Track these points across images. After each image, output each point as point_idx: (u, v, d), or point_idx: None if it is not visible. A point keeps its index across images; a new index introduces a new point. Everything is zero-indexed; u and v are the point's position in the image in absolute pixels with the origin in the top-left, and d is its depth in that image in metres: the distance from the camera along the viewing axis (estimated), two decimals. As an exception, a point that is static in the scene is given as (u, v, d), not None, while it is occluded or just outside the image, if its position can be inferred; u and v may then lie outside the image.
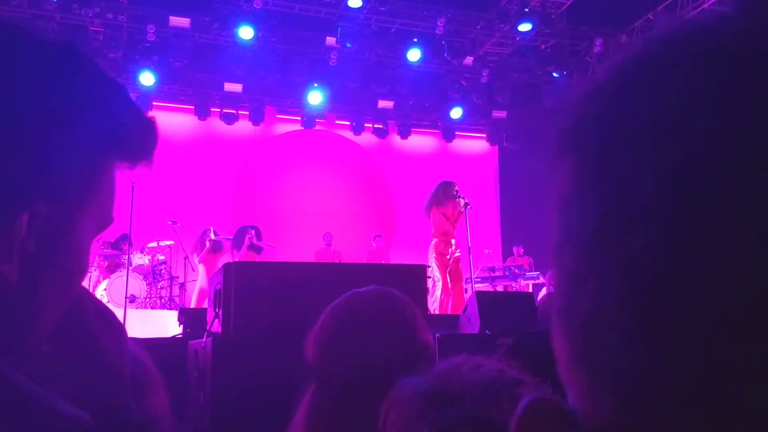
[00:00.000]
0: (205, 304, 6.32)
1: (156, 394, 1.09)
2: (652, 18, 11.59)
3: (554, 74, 12.58)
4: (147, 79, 11.30)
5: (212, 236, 8.78)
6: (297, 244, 11.62)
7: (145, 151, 0.68)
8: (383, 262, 10.42)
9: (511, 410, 0.86)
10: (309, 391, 1.26)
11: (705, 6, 10.65)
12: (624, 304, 0.30)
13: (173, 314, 6.98)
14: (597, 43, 12.00)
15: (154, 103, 11.95)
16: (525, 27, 11.18)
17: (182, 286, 9.13)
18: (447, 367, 0.94)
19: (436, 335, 3.95)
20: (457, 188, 7.32)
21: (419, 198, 8.00)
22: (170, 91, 12.12)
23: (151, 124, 0.68)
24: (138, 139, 0.67)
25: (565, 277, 0.34)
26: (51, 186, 0.59)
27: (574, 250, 0.34)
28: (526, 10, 10.94)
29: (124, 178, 0.69)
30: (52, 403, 0.53)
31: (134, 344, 1.15)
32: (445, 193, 7.30)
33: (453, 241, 7.34)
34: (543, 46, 12.14)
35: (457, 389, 0.88)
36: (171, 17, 10.67)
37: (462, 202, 7.17)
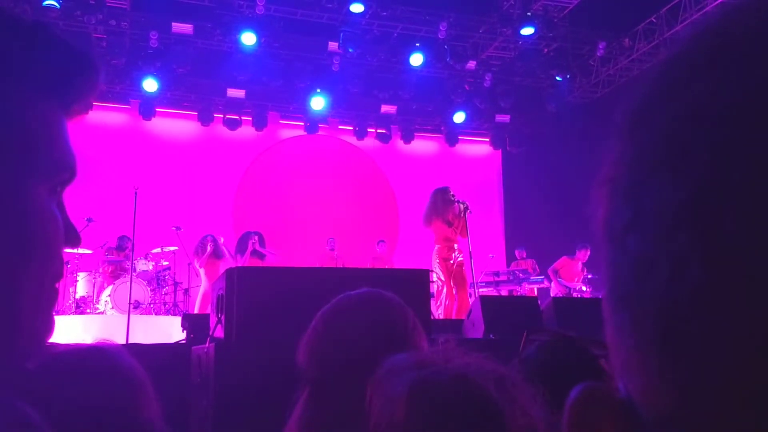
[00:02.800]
0: (209, 309, 6.32)
1: (148, 403, 1.09)
2: (655, 21, 11.58)
3: (557, 78, 12.58)
4: (150, 85, 11.33)
5: (221, 240, 8.83)
6: (300, 250, 11.63)
7: (79, 88, 0.61)
8: (386, 267, 10.41)
9: (495, 384, 0.86)
10: (302, 396, 1.26)
11: (708, 9, 10.64)
12: (707, 290, 0.29)
13: (177, 320, 6.98)
14: (600, 47, 12.00)
15: (157, 110, 11.99)
16: (527, 31, 11.18)
17: (186, 291, 9.13)
18: (434, 348, 0.95)
19: (440, 340, 3.93)
20: (452, 193, 7.28)
21: (422, 203, 7.98)
22: (173, 97, 12.15)
23: (84, 59, 0.61)
24: (69, 77, 0.60)
25: (628, 263, 0.33)
26: None
27: (644, 233, 0.32)
28: (529, 14, 10.95)
29: (72, 120, 0.62)
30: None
31: (126, 353, 1.14)
32: (442, 200, 7.25)
33: (456, 245, 7.32)
34: (546, 50, 12.15)
35: (441, 359, 0.89)
36: (173, 24, 10.70)
37: (461, 206, 7.14)
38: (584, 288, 9.67)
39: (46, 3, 9.54)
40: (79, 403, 0.97)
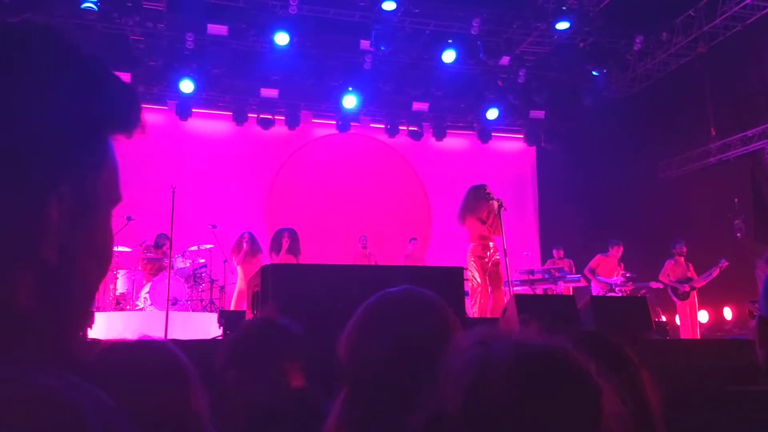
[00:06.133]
0: (244, 306, 6.40)
1: (197, 395, 1.11)
2: (693, 14, 11.31)
3: (593, 73, 12.39)
4: (186, 86, 11.51)
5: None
6: (333, 248, 11.68)
7: (134, 119, 0.70)
8: (419, 264, 10.39)
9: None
10: (341, 393, 1.25)
11: (747, 2, 10.35)
12: None
13: (214, 316, 7.09)
14: (637, 41, 11.77)
15: (193, 110, 12.17)
16: (562, 25, 11.03)
17: (222, 288, 9.26)
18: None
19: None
20: (487, 189, 7.18)
21: (455, 200, 7.93)
22: (209, 97, 12.33)
23: (133, 92, 0.70)
24: (127, 109, 0.69)
25: None
26: (70, 166, 0.61)
27: None
28: (564, 8, 10.79)
29: (121, 150, 0.71)
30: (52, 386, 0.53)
31: (176, 347, 1.16)
32: (476, 197, 7.18)
33: (491, 244, 7.26)
34: (581, 45, 11.96)
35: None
36: (209, 25, 10.83)
37: (496, 204, 7.05)
38: (622, 280, 9.51)
39: (84, 6, 9.75)
40: (134, 392, 0.99)
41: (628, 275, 9.64)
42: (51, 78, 0.62)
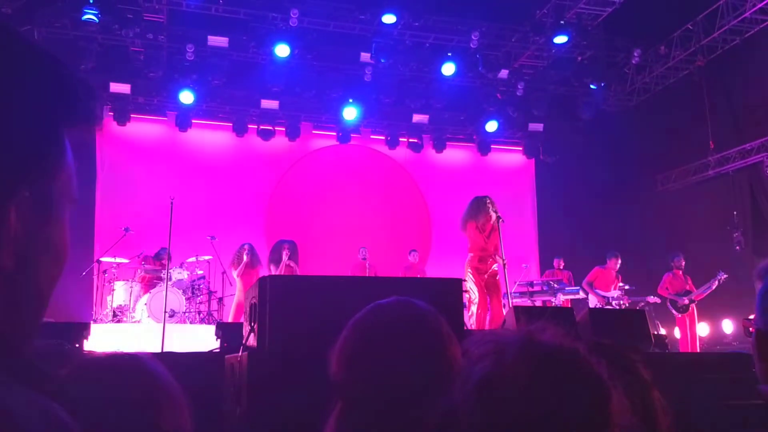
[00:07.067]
0: (242, 318, 6.36)
1: (173, 411, 1.08)
2: (691, 28, 11.38)
3: (591, 86, 12.44)
4: (186, 97, 11.53)
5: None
6: (333, 259, 11.66)
7: (91, 115, 0.68)
8: (419, 276, 10.37)
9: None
10: (335, 409, 1.22)
11: (746, 15, 10.41)
12: None
13: (211, 329, 7.06)
14: (635, 54, 11.83)
15: (193, 121, 12.19)
16: (561, 39, 11.08)
17: (220, 300, 9.22)
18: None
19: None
20: (489, 201, 7.25)
21: (455, 212, 7.95)
22: (209, 108, 12.35)
23: (89, 87, 0.68)
24: (84, 106, 0.66)
25: None
26: (30, 170, 0.59)
27: None
28: (562, 22, 10.85)
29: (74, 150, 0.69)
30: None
31: (152, 361, 1.14)
32: (478, 206, 7.25)
33: (490, 255, 7.26)
34: (579, 58, 12.02)
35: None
36: (209, 37, 10.88)
37: (494, 216, 7.09)
38: (619, 293, 9.50)
39: (85, 18, 9.79)
40: (102, 408, 0.98)
41: (626, 288, 9.63)
42: (8, 79, 0.60)
